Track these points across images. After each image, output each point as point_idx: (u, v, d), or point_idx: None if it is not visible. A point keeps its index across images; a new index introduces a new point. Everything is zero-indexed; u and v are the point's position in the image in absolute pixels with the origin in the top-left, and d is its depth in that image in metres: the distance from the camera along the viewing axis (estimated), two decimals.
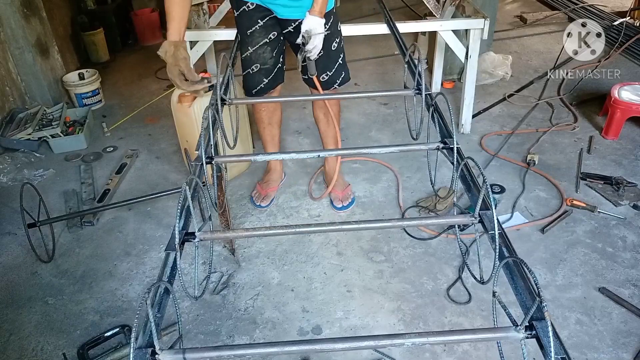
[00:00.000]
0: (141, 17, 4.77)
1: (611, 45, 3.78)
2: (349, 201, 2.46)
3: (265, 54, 2.10)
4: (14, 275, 2.15)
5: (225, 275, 2.09)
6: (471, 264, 2.06)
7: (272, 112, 2.38)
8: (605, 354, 1.70)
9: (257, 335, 1.83)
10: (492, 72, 3.62)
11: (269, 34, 2.07)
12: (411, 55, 1.72)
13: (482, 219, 1.09)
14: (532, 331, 0.84)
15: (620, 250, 2.11)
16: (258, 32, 2.06)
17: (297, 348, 0.90)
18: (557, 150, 2.81)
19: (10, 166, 2.87)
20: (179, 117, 2.49)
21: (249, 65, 2.13)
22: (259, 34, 2.06)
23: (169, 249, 1.04)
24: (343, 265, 2.12)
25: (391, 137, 3.06)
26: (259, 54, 2.10)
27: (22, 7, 3.29)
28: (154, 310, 0.90)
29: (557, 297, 1.91)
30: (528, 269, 0.88)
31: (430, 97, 1.54)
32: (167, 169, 2.84)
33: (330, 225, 1.25)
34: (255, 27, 2.05)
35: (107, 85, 3.91)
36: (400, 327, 1.84)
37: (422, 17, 3.00)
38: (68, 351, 1.80)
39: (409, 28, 2.71)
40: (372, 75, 3.89)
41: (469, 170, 1.25)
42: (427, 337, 0.87)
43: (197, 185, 1.22)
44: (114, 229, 2.39)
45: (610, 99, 2.86)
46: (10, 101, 3.31)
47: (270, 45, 2.09)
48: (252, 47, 2.09)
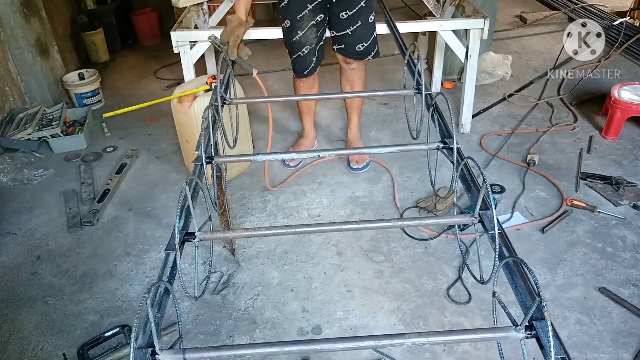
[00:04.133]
0: (141, 17, 4.77)
1: (611, 45, 3.78)
2: (365, 164, 2.70)
3: (311, 35, 2.36)
4: (14, 275, 2.15)
5: (225, 275, 2.09)
6: (471, 264, 2.06)
7: (311, 86, 2.63)
8: (605, 354, 1.70)
9: (257, 335, 1.83)
10: (492, 72, 3.61)
11: (316, 17, 2.33)
12: (411, 55, 1.72)
13: (482, 218, 1.09)
14: (532, 331, 0.84)
15: (620, 250, 2.11)
16: (307, 16, 2.31)
17: (297, 348, 0.90)
18: (557, 150, 2.81)
19: (10, 166, 2.87)
20: (179, 117, 2.49)
21: (300, 49, 2.40)
22: (307, 18, 2.32)
23: (169, 249, 1.04)
24: (343, 265, 2.12)
25: (391, 137, 3.06)
26: (307, 35, 2.36)
27: (22, 7, 3.29)
28: (154, 310, 0.90)
29: (557, 297, 1.91)
30: (528, 269, 0.88)
31: (430, 97, 1.54)
32: (167, 169, 2.84)
33: (330, 225, 1.25)
34: (305, 12, 2.30)
35: (107, 85, 3.91)
36: (400, 327, 1.84)
37: (422, 17, 3.00)
38: (68, 351, 1.80)
39: (409, 28, 2.71)
40: (372, 75, 3.88)
41: (469, 170, 1.25)
42: (427, 337, 0.87)
43: (197, 185, 1.22)
44: (114, 229, 2.39)
45: (610, 99, 2.86)
46: (10, 101, 3.31)
47: (316, 26, 2.35)
48: (301, 30, 2.34)
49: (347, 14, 2.31)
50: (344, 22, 2.34)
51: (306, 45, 2.38)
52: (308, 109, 2.79)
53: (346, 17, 2.32)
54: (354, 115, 2.78)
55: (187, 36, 2.62)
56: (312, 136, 2.91)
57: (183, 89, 2.47)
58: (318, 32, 2.38)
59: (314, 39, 2.38)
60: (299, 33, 2.35)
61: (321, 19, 2.35)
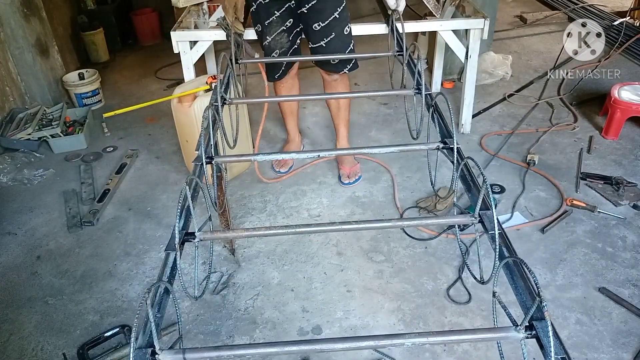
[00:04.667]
0: (141, 17, 4.77)
1: (611, 45, 3.78)
2: (356, 177, 2.63)
3: (282, 40, 2.32)
4: (14, 275, 2.15)
5: (225, 275, 2.09)
6: (471, 264, 2.06)
7: (290, 87, 2.60)
8: (605, 354, 1.70)
9: (257, 335, 1.83)
10: (492, 72, 3.61)
11: (285, 22, 2.28)
12: (411, 55, 1.72)
13: (482, 219, 1.09)
14: (532, 331, 0.84)
15: (620, 250, 2.11)
16: (275, 22, 2.28)
17: (297, 348, 0.90)
18: (557, 150, 2.81)
19: (10, 166, 2.87)
20: (179, 117, 2.49)
21: (269, 53, 2.36)
22: (276, 24, 2.28)
23: (169, 249, 1.04)
24: (343, 265, 2.12)
25: (391, 137, 3.06)
26: (277, 40, 2.32)
27: (22, 7, 3.29)
28: (154, 310, 0.90)
29: (557, 297, 1.91)
30: (528, 269, 0.88)
31: (430, 97, 1.54)
32: (167, 169, 2.84)
33: (330, 225, 1.25)
34: (273, 18, 2.27)
35: (107, 85, 3.91)
36: (400, 327, 1.83)
37: (422, 17, 3.00)
38: (68, 351, 1.80)
39: (409, 28, 2.70)
40: (372, 75, 3.89)
41: (469, 170, 1.25)
42: (427, 337, 0.87)
43: (197, 185, 1.22)
44: (114, 229, 2.39)
45: (610, 99, 2.86)
46: (10, 101, 3.31)
47: (287, 31, 2.31)
48: (270, 36, 2.31)
49: (320, 25, 2.23)
50: (317, 33, 2.25)
51: (275, 50, 2.33)
52: (291, 111, 2.74)
53: (319, 28, 2.23)
54: (341, 127, 2.64)
55: (187, 36, 2.62)
56: (297, 140, 2.86)
57: (183, 89, 2.47)
58: (289, 37, 2.32)
59: (285, 44, 2.33)
60: (267, 38, 2.31)
61: (291, 24, 2.29)
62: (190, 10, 2.88)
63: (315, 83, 3.52)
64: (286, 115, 2.76)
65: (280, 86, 2.58)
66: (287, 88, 2.57)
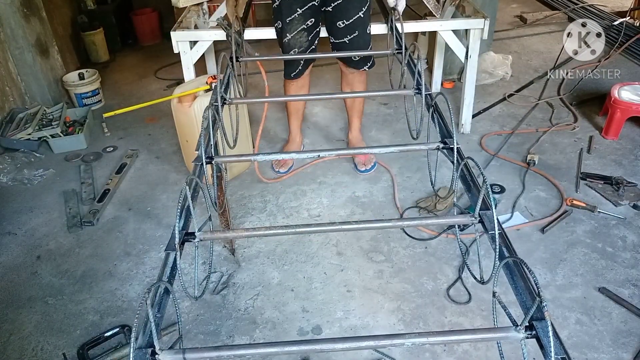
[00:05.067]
0: (141, 17, 4.77)
1: (611, 45, 3.78)
2: (371, 165, 2.70)
3: (301, 39, 2.35)
4: (14, 275, 2.15)
5: (225, 275, 2.09)
6: (471, 264, 2.06)
7: (301, 87, 2.62)
8: (605, 354, 1.70)
9: (257, 335, 1.83)
10: (492, 72, 3.61)
11: (306, 21, 2.31)
12: (411, 55, 1.72)
13: (482, 219, 1.09)
14: (532, 331, 0.84)
15: (620, 250, 2.11)
16: (297, 19, 2.30)
17: (297, 348, 0.90)
18: (557, 150, 2.81)
19: (10, 166, 2.87)
20: (179, 117, 2.49)
21: (288, 51, 2.39)
22: (297, 21, 2.30)
23: (169, 249, 1.04)
24: (343, 265, 2.12)
25: (391, 137, 3.06)
26: (297, 39, 2.34)
27: (22, 7, 3.29)
28: (154, 310, 0.90)
29: (557, 297, 1.91)
30: (528, 269, 0.88)
31: (430, 97, 1.54)
32: (167, 169, 2.84)
33: (330, 225, 1.25)
34: (294, 16, 2.29)
35: (107, 85, 3.91)
36: (400, 327, 1.83)
37: (422, 17, 3.00)
38: (68, 351, 1.80)
39: (409, 28, 2.70)
40: (372, 75, 3.87)
41: (469, 170, 1.25)
42: (427, 337, 0.87)
43: (197, 185, 1.22)
44: (114, 229, 2.39)
45: (610, 99, 2.86)
46: (10, 101, 3.31)
47: (307, 30, 2.34)
48: (290, 33, 2.33)
49: (345, 23, 2.31)
50: (341, 30, 2.34)
51: (294, 49, 2.37)
52: (296, 110, 2.76)
53: (343, 26, 2.32)
54: (355, 118, 2.76)
55: (187, 36, 2.62)
56: (298, 141, 2.87)
57: (183, 89, 2.47)
58: (309, 36, 2.36)
59: (304, 43, 2.37)
60: (287, 36, 2.34)
61: (312, 23, 2.33)
62: (190, 10, 2.88)
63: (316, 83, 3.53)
64: (291, 114, 2.77)
65: (292, 84, 2.59)
66: (298, 87, 2.60)
